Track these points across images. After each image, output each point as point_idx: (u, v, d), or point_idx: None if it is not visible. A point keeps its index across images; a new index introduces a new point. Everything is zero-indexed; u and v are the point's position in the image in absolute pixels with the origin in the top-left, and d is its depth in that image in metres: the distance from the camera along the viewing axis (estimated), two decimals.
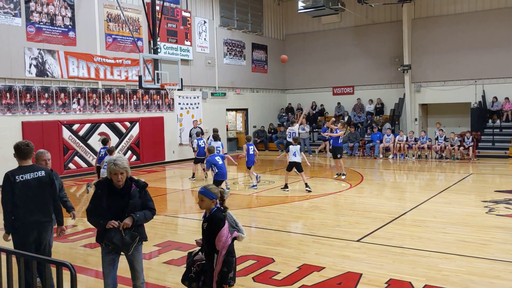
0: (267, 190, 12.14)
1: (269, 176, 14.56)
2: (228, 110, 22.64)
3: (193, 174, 14.45)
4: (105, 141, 11.98)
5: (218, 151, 12.18)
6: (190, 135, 18.08)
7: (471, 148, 17.57)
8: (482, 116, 19.92)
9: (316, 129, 23.40)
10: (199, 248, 4.49)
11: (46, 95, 14.52)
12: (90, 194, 10.77)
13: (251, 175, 12.65)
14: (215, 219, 4.21)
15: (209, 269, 4.22)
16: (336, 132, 13.79)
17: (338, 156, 13.65)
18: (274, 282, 5.53)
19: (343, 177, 13.47)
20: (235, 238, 4.31)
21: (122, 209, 4.37)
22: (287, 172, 12.01)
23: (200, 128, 18.19)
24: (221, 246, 4.13)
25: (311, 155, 20.48)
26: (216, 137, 13.63)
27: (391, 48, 22.56)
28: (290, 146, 11.95)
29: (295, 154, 11.73)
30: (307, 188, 11.55)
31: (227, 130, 23.24)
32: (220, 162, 10.55)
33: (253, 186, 12.36)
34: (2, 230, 4.97)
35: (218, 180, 10.39)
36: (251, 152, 12.60)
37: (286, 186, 11.89)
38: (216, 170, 10.48)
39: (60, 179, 5.63)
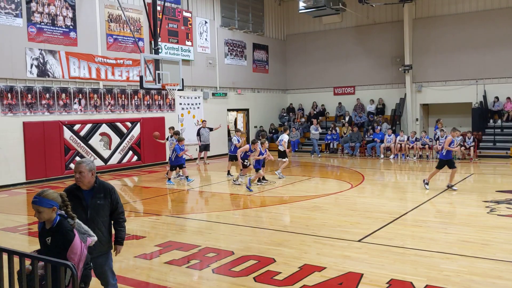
0: (268, 190, 12.14)
1: (270, 176, 14.54)
2: (229, 110, 22.64)
3: (228, 171, 14.94)
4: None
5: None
6: (199, 135, 18.29)
7: (472, 148, 17.56)
8: (483, 116, 19.90)
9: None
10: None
11: (47, 95, 14.53)
12: None
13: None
14: (62, 231, 3.53)
15: None
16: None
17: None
18: (275, 282, 5.52)
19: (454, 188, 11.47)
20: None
21: None
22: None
23: (208, 128, 18.40)
24: (77, 260, 3.51)
25: (319, 156, 20.47)
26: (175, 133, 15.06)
27: (392, 48, 22.55)
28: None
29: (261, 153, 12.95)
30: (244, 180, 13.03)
31: (228, 130, 23.24)
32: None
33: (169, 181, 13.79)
34: None
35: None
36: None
37: (264, 179, 13.15)
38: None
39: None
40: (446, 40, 21.14)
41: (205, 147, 18.48)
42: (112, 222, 4.57)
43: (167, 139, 15.91)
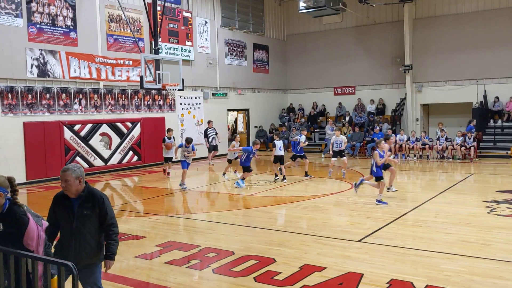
0: (268, 190, 12.14)
1: (270, 176, 14.53)
2: (229, 110, 22.64)
3: (284, 176, 13.42)
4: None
5: None
6: (206, 136, 18.22)
7: (472, 148, 17.55)
8: (484, 116, 19.89)
9: (317, 129, 23.44)
10: None
11: (48, 95, 14.53)
12: None
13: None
14: (15, 216, 3.34)
15: (17, 280, 3.26)
16: None
17: None
18: (275, 282, 5.52)
19: None
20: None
21: None
22: (274, 164, 13.58)
23: (214, 128, 18.35)
24: (35, 245, 3.35)
25: (323, 156, 20.37)
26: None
27: (392, 48, 22.54)
28: (276, 141, 13.45)
29: (280, 148, 13.29)
30: (284, 180, 13.21)
31: (228, 130, 23.24)
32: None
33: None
34: None
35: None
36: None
37: (276, 175, 13.48)
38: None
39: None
40: (446, 40, 21.13)
41: (213, 148, 18.36)
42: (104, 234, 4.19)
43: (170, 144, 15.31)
